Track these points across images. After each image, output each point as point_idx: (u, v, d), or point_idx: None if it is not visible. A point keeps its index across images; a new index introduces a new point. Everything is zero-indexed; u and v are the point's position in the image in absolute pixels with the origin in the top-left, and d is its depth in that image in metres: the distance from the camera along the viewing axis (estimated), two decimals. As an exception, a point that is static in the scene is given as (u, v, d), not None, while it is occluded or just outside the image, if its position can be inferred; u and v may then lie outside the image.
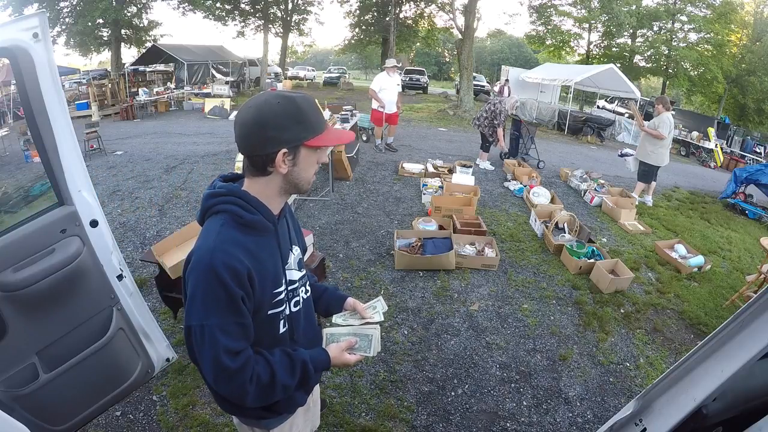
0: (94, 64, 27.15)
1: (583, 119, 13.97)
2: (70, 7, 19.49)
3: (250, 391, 1.04)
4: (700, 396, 1.18)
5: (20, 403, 1.60)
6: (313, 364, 1.15)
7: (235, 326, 1.02)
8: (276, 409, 1.23)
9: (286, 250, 1.19)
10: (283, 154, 1.02)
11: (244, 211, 1.05)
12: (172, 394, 2.50)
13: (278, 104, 1.00)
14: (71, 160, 1.73)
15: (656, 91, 29.36)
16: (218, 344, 0.99)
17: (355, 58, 48.13)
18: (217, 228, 1.04)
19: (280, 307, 1.14)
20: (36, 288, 1.60)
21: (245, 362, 1.03)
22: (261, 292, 1.07)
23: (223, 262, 0.98)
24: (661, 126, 6.10)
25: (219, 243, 1.01)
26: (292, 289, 1.20)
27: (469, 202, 5.37)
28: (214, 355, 1.00)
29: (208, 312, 0.99)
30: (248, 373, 1.04)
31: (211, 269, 0.98)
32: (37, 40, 1.53)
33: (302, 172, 1.08)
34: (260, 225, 1.08)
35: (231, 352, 1.01)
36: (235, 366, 1.01)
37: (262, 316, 1.11)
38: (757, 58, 21.14)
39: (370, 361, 2.90)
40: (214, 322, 0.99)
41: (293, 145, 1.02)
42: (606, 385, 2.89)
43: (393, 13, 22.66)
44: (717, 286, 4.37)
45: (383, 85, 7.79)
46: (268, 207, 1.10)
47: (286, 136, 1.01)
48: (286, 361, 1.12)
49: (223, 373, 1.01)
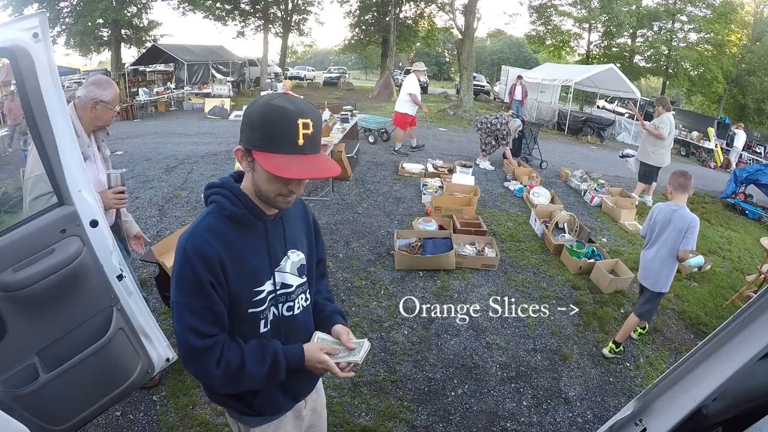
0: (94, 64, 27.18)
1: (583, 119, 13.97)
2: (70, 7, 19.49)
3: (216, 374, 1.06)
4: (700, 396, 1.18)
5: (20, 403, 1.60)
6: (285, 355, 1.14)
7: (203, 309, 1.05)
8: (256, 408, 1.21)
9: (278, 252, 1.17)
10: (241, 152, 1.04)
11: (228, 203, 1.08)
12: (172, 394, 2.51)
13: (257, 104, 1.00)
14: (71, 160, 1.73)
15: (656, 91, 29.35)
16: (184, 322, 1.04)
17: (355, 58, 48.11)
18: (202, 216, 1.10)
19: (260, 306, 1.14)
20: (36, 288, 1.59)
21: (213, 344, 1.05)
22: (237, 285, 1.09)
23: (193, 246, 1.04)
24: (662, 126, 6.11)
25: (198, 229, 1.07)
26: (285, 293, 1.19)
27: (469, 202, 5.37)
28: (181, 332, 1.05)
29: (179, 291, 1.05)
30: (215, 356, 1.06)
31: (183, 251, 1.04)
32: (37, 40, 1.53)
33: (260, 182, 1.05)
34: (243, 219, 1.09)
35: (197, 332, 1.04)
36: (201, 345, 1.04)
37: (242, 313, 1.12)
38: (757, 58, 21.14)
39: (371, 362, 2.90)
40: (182, 301, 1.05)
41: (247, 147, 1.02)
42: (606, 385, 2.89)
43: (393, 13, 22.63)
44: (717, 286, 4.37)
45: (417, 89, 8.07)
46: (257, 204, 1.10)
47: (245, 134, 1.01)
48: (258, 350, 1.12)
49: (188, 351, 1.05)
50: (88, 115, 2.13)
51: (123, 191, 2.21)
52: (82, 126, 2.13)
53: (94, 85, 2.15)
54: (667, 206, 2.95)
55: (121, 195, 2.19)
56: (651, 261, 2.98)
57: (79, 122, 2.12)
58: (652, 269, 2.96)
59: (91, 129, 2.20)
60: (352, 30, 28.09)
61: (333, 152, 5.85)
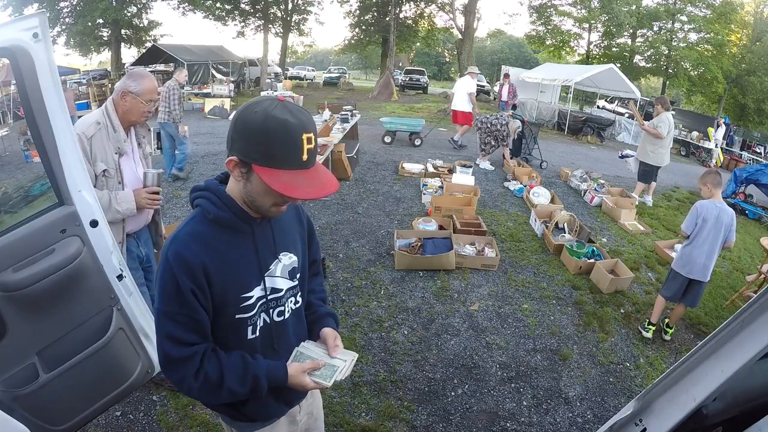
0: (94, 64, 27.20)
1: (583, 119, 13.97)
2: (70, 7, 19.53)
3: (193, 385, 1.04)
4: (700, 396, 1.18)
5: (20, 403, 1.60)
6: (267, 379, 1.10)
7: (183, 317, 1.02)
8: (247, 415, 1.19)
9: (267, 256, 1.13)
10: (235, 163, 0.98)
11: (212, 206, 1.04)
12: (172, 394, 2.51)
13: (255, 114, 0.93)
14: (71, 160, 1.73)
15: (656, 91, 29.36)
16: (163, 329, 1.03)
17: (355, 58, 48.17)
18: (187, 220, 1.07)
19: (248, 312, 1.11)
20: (36, 288, 1.59)
21: (192, 355, 1.03)
22: (222, 291, 1.05)
23: (175, 252, 1.01)
24: (661, 126, 6.12)
25: (181, 234, 1.04)
26: (275, 298, 1.16)
27: (469, 202, 5.37)
28: (160, 340, 1.03)
29: (160, 297, 1.03)
30: (193, 367, 1.03)
31: (165, 258, 1.01)
32: (37, 40, 1.53)
33: (255, 194, 1.01)
34: (228, 222, 1.06)
35: (175, 340, 1.02)
36: (178, 355, 1.02)
37: (227, 318, 1.09)
38: (757, 58, 21.15)
39: (371, 361, 2.90)
40: (162, 308, 1.03)
41: (245, 159, 0.96)
42: (606, 385, 2.89)
43: (393, 13, 22.64)
44: (717, 286, 4.37)
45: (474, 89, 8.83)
46: (243, 207, 1.06)
47: (241, 145, 0.95)
48: (239, 367, 1.08)
49: (166, 359, 1.04)
50: (120, 107, 2.06)
51: (158, 192, 2.14)
52: (119, 121, 2.07)
53: (127, 75, 2.09)
54: (711, 204, 3.17)
55: (155, 196, 2.13)
56: (698, 255, 3.19)
57: (116, 116, 2.06)
58: (698, 262, 3.19)
59: (127, 124, 2.12)
60: (352, 30, 28.12)
61: (333, 152, 5.85)
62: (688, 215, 3.25)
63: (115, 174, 2.06)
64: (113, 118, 2.04)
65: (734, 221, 3.17)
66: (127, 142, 2.13)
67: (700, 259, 3.18)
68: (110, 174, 2.04)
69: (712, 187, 3.19)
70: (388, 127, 9.26)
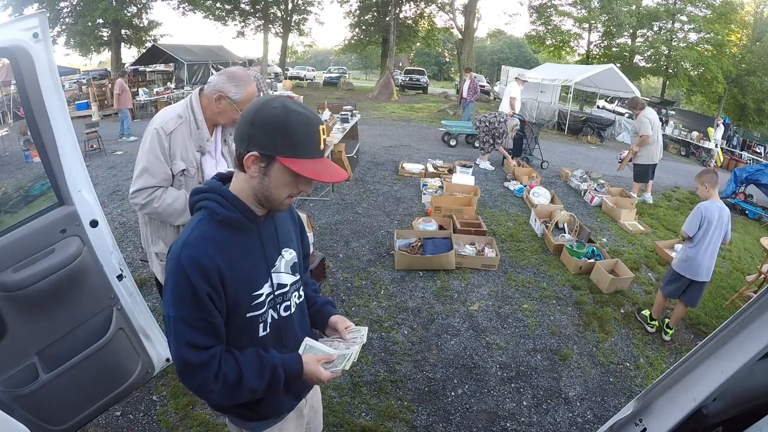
0: (94, 64, 27.19)
1: (583, 119, 13.97)
2: (70, 7, 19.50)
3: (214, 389, 1.04)
4: (700, 396, 1.18)
5: (20, 403, 1.60)
6: (284, 369, 1.12)
7: (200, 321, 1.01)
8: (261, 413, 1.20)
9: (272, 252, 1.16)
10: (255, 158, 0.99)
11: (220, 207, 1.05)
12: (172, 394, 2.50)
13: (274, 109, 0.97)
14: (71, 160, 1.73)
15: (656, 91, 29.35)
16: (181, 337, 1.01)
17: (355, 58, 48.12)
18: (194, 223, 1.06)
19: (259, 310, 1.12)
20: (36, 288, 1.60)
21: (210, 359, 1.03)
22: (235, 291, 1.06)
23: (190, 257, 0.99)
24: (642, 128, 6.16)
25: (192, 238, 1.03)
26: (281, 293, 1.18)
27: (469, 202, 5.37)
28: (177, 348, 1.01)
29: (175, 304, 1.01)
30: (212, 371, 1.03)
31: (178, 263, 0.99)
32: (37, 40, 1.53)
33: (272, 187, 1.03)
34: (237, 222, 1.06)
35: (194, 346, 1.01)
36: (198, 361, 1.01)
37: (239, 317, 1.09)
38: (757, 58, 21.13)
39: (371, 361, 2.90)
40: (178, 314, 1.00)
41: (267, 153, 0.98)
42: (606, 385, 2.89)
43: (393, 13, 22.64)
44: (717, 286, 4.37)
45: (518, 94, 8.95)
46: (249, 206, 1.07)
47: (262, 140, 0.98)
48: (256, 363, 1.09)
49: (185, 367, 1.02)
50: (211, 107, 1.87)
51: None
52: (204, 117, 1.89)
53: (227, 76, 1.83)
54: (713, 205, 3.14)
55: None
56: (702, 257, 3.17)
57: (201, 112, 1.88)
58: (702, 265, 3.18)
59: (213, 123, 1.94)
60: (352, 30, 28.11)
61: (333, 152, 5.85)
62: (691, 217, 3.20)
63: (196, 174, 1.93)
64: (197, 113, 1.87)
65: (729, 217, 3.20)
66: (210, 141, 1.95)
67: (706, 261, 3.17)
68: (190, 173, 1.91)
69: (710, 186, 3.17)
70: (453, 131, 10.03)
